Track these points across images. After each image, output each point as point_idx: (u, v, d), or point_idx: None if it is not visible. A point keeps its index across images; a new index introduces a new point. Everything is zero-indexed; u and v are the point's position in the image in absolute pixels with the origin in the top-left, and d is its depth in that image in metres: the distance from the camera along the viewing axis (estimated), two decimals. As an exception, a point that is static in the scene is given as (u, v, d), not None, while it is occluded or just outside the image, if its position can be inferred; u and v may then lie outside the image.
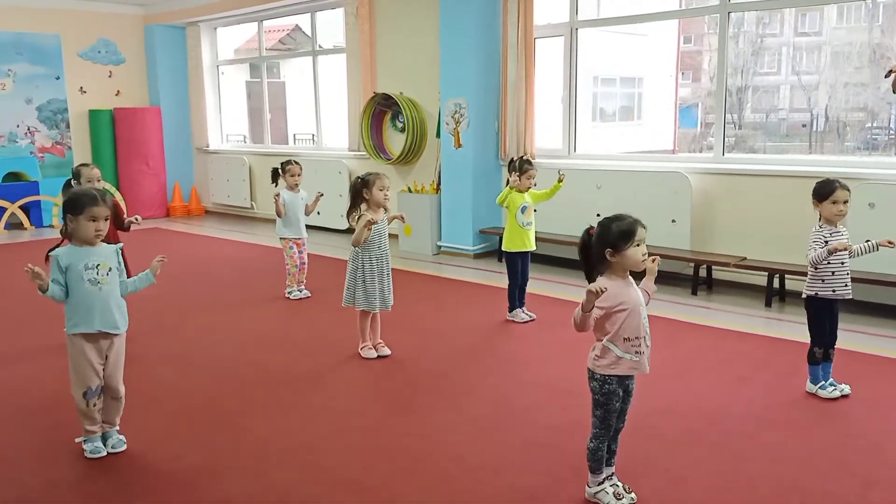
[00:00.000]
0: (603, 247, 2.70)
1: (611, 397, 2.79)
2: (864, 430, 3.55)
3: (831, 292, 3.85)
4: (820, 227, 3.84)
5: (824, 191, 3.80)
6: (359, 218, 4.52)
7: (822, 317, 3.93)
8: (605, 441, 2.85)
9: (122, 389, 3.38)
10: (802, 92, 17.65)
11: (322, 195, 6.37)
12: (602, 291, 2.58)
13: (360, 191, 4.53)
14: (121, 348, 3.35)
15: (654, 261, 2.82)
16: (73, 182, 5.06)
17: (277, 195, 6.22)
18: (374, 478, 3.12)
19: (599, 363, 2.78)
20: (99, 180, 5.01)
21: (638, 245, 2.69)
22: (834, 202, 3.77)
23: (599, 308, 2.68)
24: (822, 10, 17.20)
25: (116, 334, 3.30)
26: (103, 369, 3.29)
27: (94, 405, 3.31)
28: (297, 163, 6.32)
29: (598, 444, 2.85)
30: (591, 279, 2.79)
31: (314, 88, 10.45)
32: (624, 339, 2.73)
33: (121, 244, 3.45)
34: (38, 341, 5.13)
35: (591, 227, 2.78)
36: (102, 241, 3.29)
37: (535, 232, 5.53)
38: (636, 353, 2.75)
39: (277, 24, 14.40)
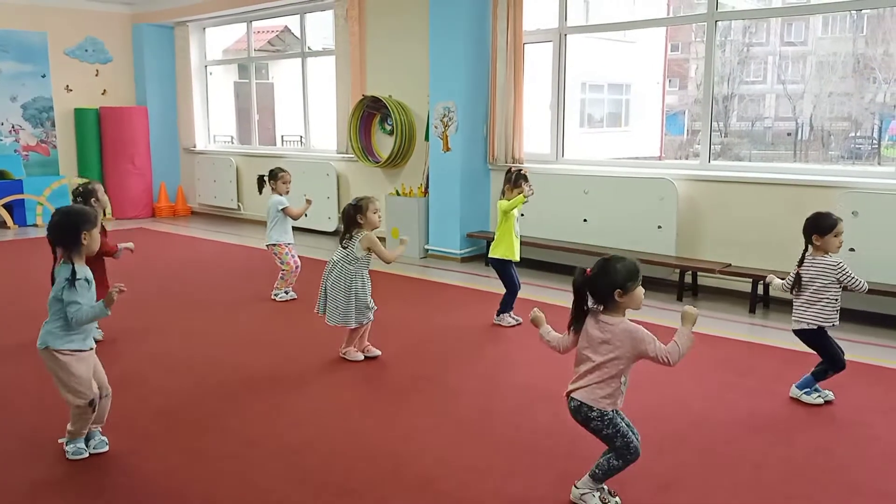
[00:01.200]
0: (612, 288, 2.72)
1: (615, 419, 2.80)
2: (848, 435, 3.58)
3: (831, 324, 3.92)
4: (829, 255, 3.87)
5: (826, 224, 3.85)
6: (360, 239, 4.51)
7: (831, 341, 3.97)
8: (631, 462, 2.84)
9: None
10: (788, 101, 17.79)
11: (310, 202, 6.37)
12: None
13: (355, 217, 4.54)
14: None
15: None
16: (83, 200, 4.85)
17: (309, 200, 6.30)
18: (360, 481, 3.12)
19: (608, 401, 2.79)
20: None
21: (641, 285, 2.74)
22: (836, 235, 3.83)
23: (662, 348, 2.73)
24: (807, 20, 17.35)
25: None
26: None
27: (94, 410, 3.28)
28: (285, 170, 6.36)
29: (623, 465, 2.83)
30: (576, 321, 2.84)
31: (303, 90, 10.43)
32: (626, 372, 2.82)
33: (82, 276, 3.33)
34: (19, 341, 5.08)
35: (587, 270, 2.79)
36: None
37: (522, 236, 5.55)
38: (625, 384, 2.83)
39: (266, 25, 14.37)
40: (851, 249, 5.43)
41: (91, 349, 3.26)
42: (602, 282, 2.74)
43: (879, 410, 3.90)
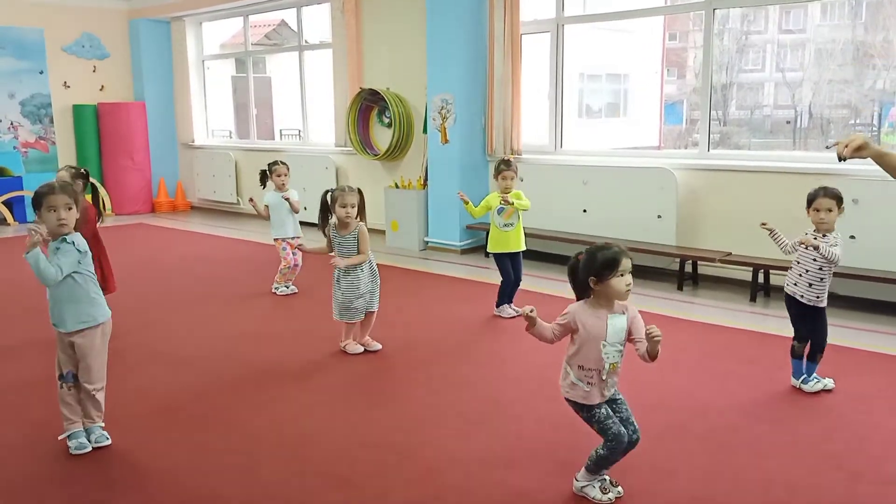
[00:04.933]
0: (587, 275, 2.73)
1: (595, 413, 2.81)
2: (849, 423, 3.59)
3: (785, 286, 4.01)
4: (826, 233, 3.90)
5: (808, 198, 3.89)
6: (328, 231, 4.61)
7: (788, 311, 4.07)
8: (619, 452, 2.81)
9: (92, 387, 3.33)
10: (787, 89, 17.75)
11: (288, 199, 6.27)
12: (529, 311, 2.73)
13: (327, 207, 4.59)
14: (87, 347, 3.28)
15: (653, 338, 2.61)
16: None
17: (251, 199, 6.31)
18: (362, 473, 3.12)
19: (562, 384, 2.86)
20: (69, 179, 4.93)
21: (622, 275, 2.71)
22: (816, 210, 3.84)
23: (558, 324, 2.80)
24: (806, 8, 17.30)
25: (66, 332, 3.27)
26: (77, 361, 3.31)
27: (69, 389, 3.31)
28: (283, 163, 6.32)
29: (610, 454, 2.81)
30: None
31: (300, 84, 10.41)
32: (579, 366, 2.78)
33: (62, 238, 3.22)
34: (22, 336, 5.09)
35: (580, 253, 2.80)
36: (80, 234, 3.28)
37: (523, 227, 5.54)
38: (587, 383, 2.77)
39: (263, 18, 14.32)
40: (852, 237, 5.43)
41: (60, 330, 3.26)
42: (582, 268, 2.76)
43: (880, 398, 3.90)
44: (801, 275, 3.92)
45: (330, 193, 4.59)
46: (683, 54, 19.21)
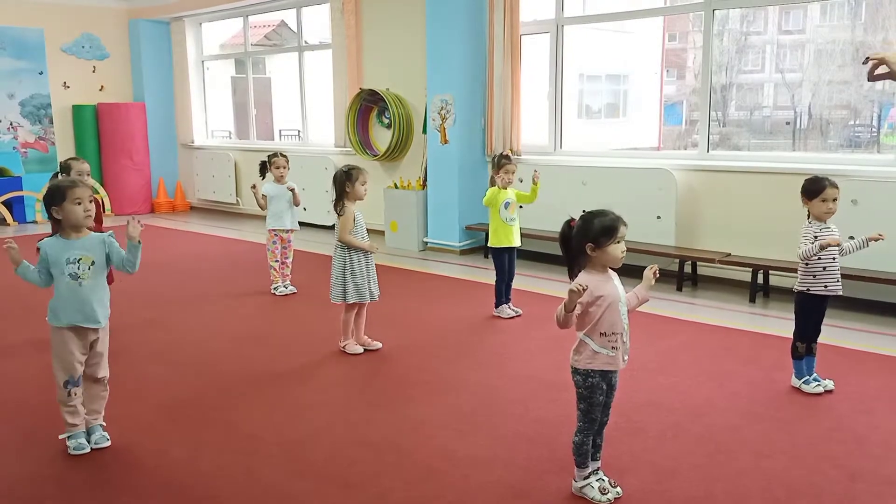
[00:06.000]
0: (584, 241, 2.73)
1: (594, 391, 2.80)
2: (849, 423, 3.59)
3: (823, 288, 3.88)
4: (809, 223, 3.88)
5: (814, 189, 3.84)
6: (340, 221, 4.58)
7: (810, 313, 3.97)
8: (590, 435, 2.86)
9: (104, 375, 3.36)
10: (786, 89, 17.74)
11: (293, 189, 6.30)
12: (583, 290, 2.61)
13: (344, 184, 4.57)
14: (103, 339, 3.33)
15: (653, 272, 2.86)
16: (60, 175, 5.02)
17: (253, 186, 6.23)
18: (361, 473, 3.12)
19: (577, 358, 2.81)
20: (88, 174, 4.96)
21: (619, 242, 2.72)
22: (823, 200, 3.81)
23: (578, 303, 2.69)
24: (805, 8, 17.29)
25: (97, 328, 3.28)
26: (86, 359, 3.29)
27: (75, 394, 3.29)
28: (282, 155, 6.31)
29: (583, 437, 2.86)
30: (571, 271, 2.83)
31: (300, 84, 10.41)
32: (600, 333, 2.75)
33: (111, 232, 3.36)
34: (20, 336, 5.09)
35: (572, 220, 2.81)
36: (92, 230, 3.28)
37: (521, 228, 5.55)
38: (612, 348, 2.77)
39: (263, 19, 14.32)
40: (851, 237, 5.42)
41: (87, 327, 3.23)
42: (578, 234, 2.75)
43: (880, 399, 3.90)
44: (839, 269, 3.89)
45: (345, 171, 4.60)
46: (683, 55, 19.21)
